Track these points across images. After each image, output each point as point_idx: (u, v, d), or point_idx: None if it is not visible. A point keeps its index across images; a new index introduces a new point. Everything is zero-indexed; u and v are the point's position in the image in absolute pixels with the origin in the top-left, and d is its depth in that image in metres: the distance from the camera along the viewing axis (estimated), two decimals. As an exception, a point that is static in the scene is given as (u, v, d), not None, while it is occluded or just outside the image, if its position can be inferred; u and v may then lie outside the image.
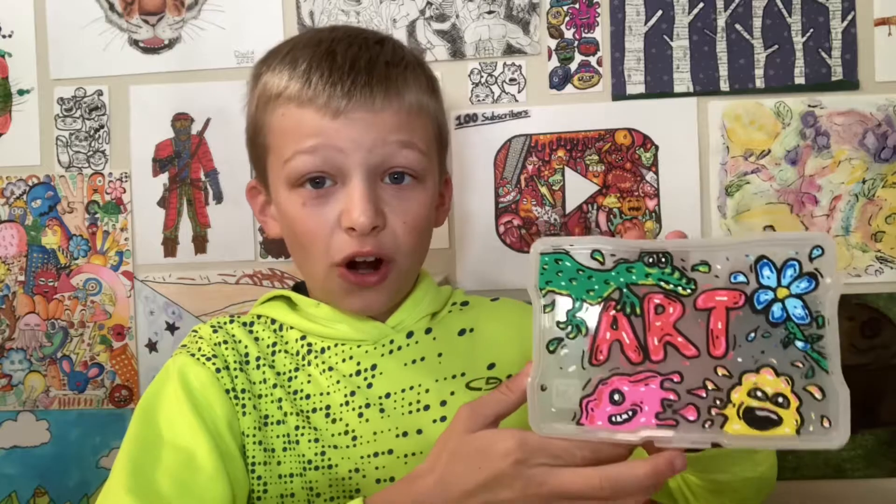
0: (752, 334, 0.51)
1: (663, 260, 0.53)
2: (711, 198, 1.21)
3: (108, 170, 1.29)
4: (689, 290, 0.53)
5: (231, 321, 0.80)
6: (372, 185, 0.71)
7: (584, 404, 0.52)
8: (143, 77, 1.28)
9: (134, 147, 1.28)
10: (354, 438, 0.74)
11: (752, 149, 1.21)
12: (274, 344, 0.78)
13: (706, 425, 0.49)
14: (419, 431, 0.75)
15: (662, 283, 0.53)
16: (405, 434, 0.74)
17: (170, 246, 1.28)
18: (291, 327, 0.79)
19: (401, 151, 0.73)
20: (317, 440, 0.73)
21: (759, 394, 0.50)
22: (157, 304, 1.28)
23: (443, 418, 0.75)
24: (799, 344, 0.51)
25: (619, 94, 1.22)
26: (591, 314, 0.53)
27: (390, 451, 0.73)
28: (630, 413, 0.50)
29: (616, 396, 0.51)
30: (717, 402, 0.50)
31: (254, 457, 0.72)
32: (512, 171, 1.24)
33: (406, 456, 0.73)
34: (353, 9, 1.25)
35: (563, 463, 0.51)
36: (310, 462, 0.72)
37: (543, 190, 1.23)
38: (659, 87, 1.22)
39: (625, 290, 0.53)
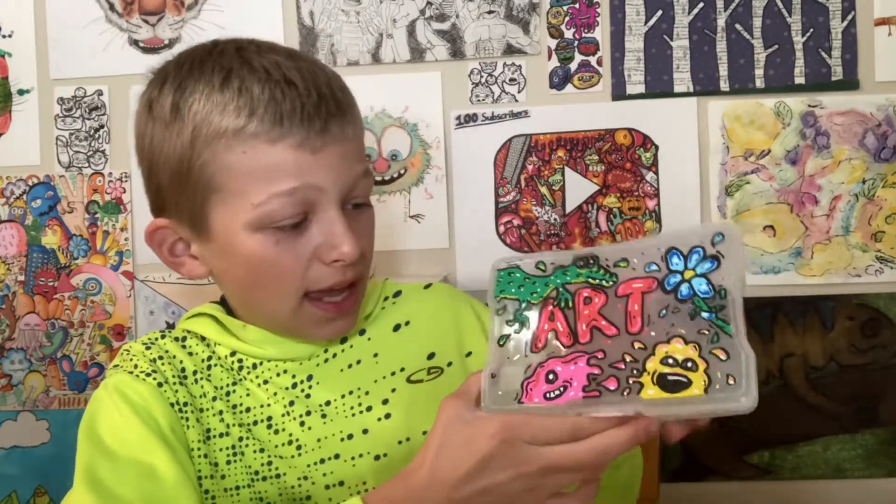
0: (664, 311, 0.58)
1: (591, 261, 0.62)
2: (711, 198, 1.22)
3: (108, 170, 1.29)
4: (611, 283, 0.61)
5: (162, 336, 0.77)
6: (344, 216, 0.70)
7: (524, 385, 0.58)
8: (143, 77, 1.27)
9: (134, 147, 1.28)
10: (299, 448, 0.72)
11: (752, 149, 1.21)
12: (209, 358, 0.75)
13: (625, 393, 0.55)
14: (365, 431, 0.74)
15: (590, 280, 0.62)
16: (350, 437, 0.73)
17: (170, 246, 1.28)
18: (219, 344, 0.76)
19: (363, 181, 0.72)
20: (262, 450, 0.72)
21: (670, 361, 0.55)
22: (157, 304, 1.28)
23: (387, 416, 0.74)
24: (704, 315, 0.57)
25: (619, 94, 1.22)
26: (533, 312, 0.62)
27: (337, 456, 0.72)
28: (561, 389, 0.57)
29: (550, 376, 0.58)
30: (634, 371, 0.56)
31: (199, 470, 0.70)
32: (512, 171, 1.24)
33: (353, 458, 0.72)
34: (353, 9, 1.25)
35: (545, 439, 0.54)
36: (257, 473, 0.71)
37: (543, 190, 1.23)
38: (659, 87, 1.22)
39: (560, 288, 0.62)
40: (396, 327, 0.81)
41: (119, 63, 1.28)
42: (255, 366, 0.75)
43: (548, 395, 0.57)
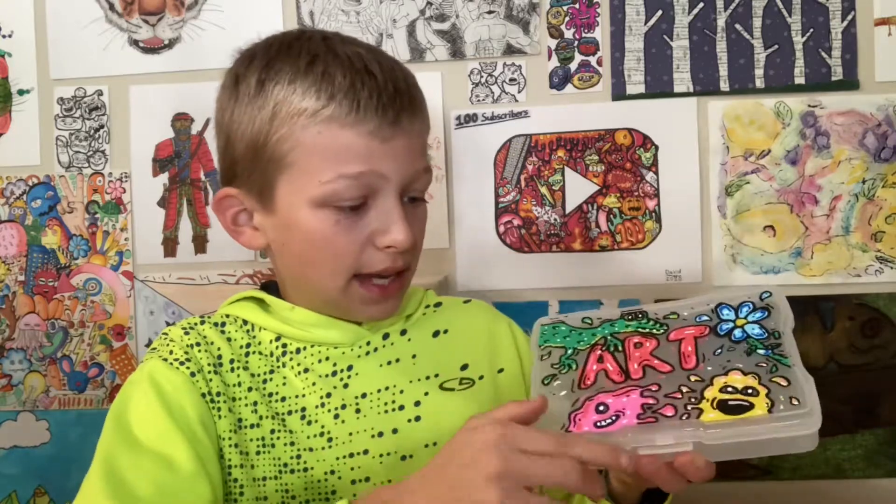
0: (719, 350, 0.58)
1: (640, 315, 0.63)
2: (711, 198, 1.22)
3: (108, 170, 1.29)
4: (662, 330, 0.61)
5: (202, 322, 0.79)
6: (403, 206, 0.74)
7: (571, 416, 0.57)
8: (143, 77, 1.28)
9: (134, 147, 1.29)
10: (330, 440, 0.74)
11: (752, 149, 1.21)
12: (248, 345, 0.77)
13: (683, 418, 0.53)
14: (395, 431, 0.75)
15: (640, 330, 0.62)
16: (381, 434, 0.75)
17: (170, 246, 1.28)
18: (263, 328, 0.78)
19: (423, 177, 0.76)
20: (293, 443, 0.73)
21: (729, 389, 0.54)
22: (157, 304, 1.28)
23: (417, 418, 0.76)
24: (761, 351, 0.57)
25: (619, 94, 1.22)
26: (580, 356, 0.62)
27: (366, 452, 0.74)
28: (613, 418, 0.55)
29: (601, 407, 0.56)
30: (692, 399, 0.54)
31: (230, 460, 0.72)
32: (512, 171, 1.24)
33: (381, 456, 0.74)
34: (354, 9, 1.25)
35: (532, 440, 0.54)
36: (286, 465, 0.73)
37: (543, 190, 1.23)
38: (659, 87, 1.22)
39: (609, 336, 0.62)
40: (436, 333, 0.83)
41: (119, 63, 1.28)
42: (298, 350, 0.77)
43: (598, 423, 0.55)
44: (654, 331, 0.61)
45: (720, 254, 1.21)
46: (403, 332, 0.81)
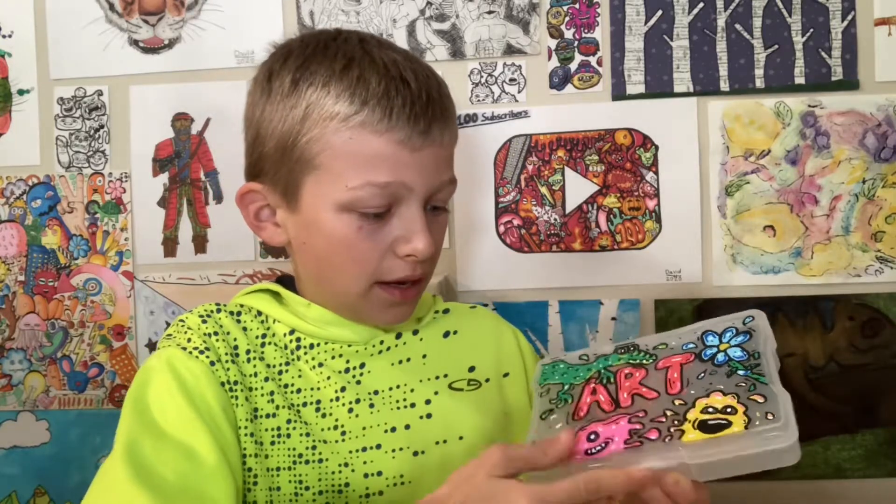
0: (702, 374, 0.60)
1: (632, 348, 0.67)
2: (711, 198, 1.21)
3: (108, 170, 1.29)
4: (650, 361, 0.64)
5: (218, 310, 0.79)
6: (425, 215, 0.74)
7: None
8: (143, 77, 1.28)
9: (134, 147, 1.29)
10: (344, 433, 0.74)
11: (752, 149, 1.21)
12: (263, 336, 0.78)
13: (666, 440, 0.56)
14: (407, 427, 0.76)
15: (631, 361, 0.65)
16: (393, 430, 0.76)
17: (170, 246, 1.28)
18: (278, 321, 0.79)
19: (447, 188, 0.77)
20: (308, 434, 0.74)
21: (710, 409, 0.56)
22: (157, 304, 1.28)
23: (428, 415, 0.77)
24: (741, 372, 0.59)
25: (619, 94, 1.22)
26: (576, 390, 0.65)
27: (378, 446, 0.75)
28: (602, 445, 0.57)
29: (592, 436, 0.58)
30: (675, 422, 0.57)
31: (245, 449, 0.72)
32: (512, 171, 1.24)
33: (394, 451, 0.75)
34: (353, 9, 1.25)
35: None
36: (300, 456, 0.73)
37: (543, 190, 1.23)
38: (659, 87, 1.22)
39: (602, 370, 0.65)
40: (446, 334, 0.85)
41: (119, 63, 1.28)
42: (312, 346, 0.78)
43: (589, 451, 0.58)
44: (644, 361, 0.64)
45: (720, 254, 1.21)
46: (415, 332, 0.83)
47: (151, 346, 1.28)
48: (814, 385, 1.22)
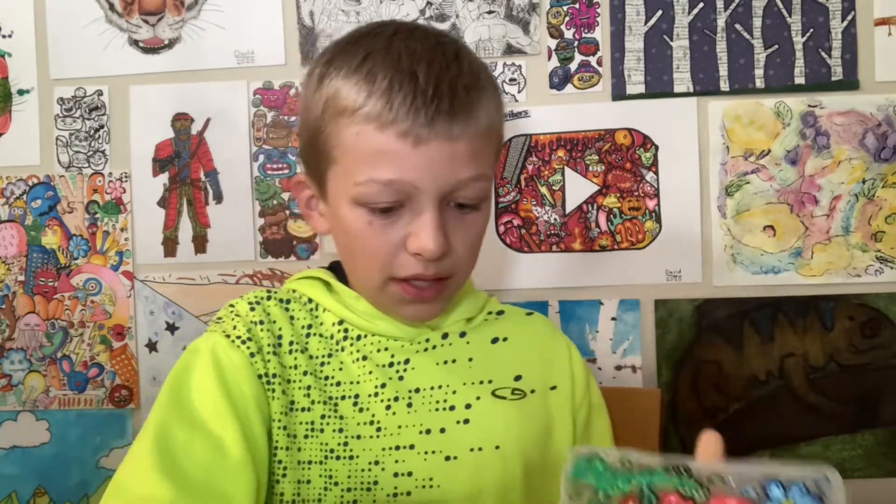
0: None
1: (684, 471, 0.61)
2: (711, 198, 1.21)
3: (108, 170, 1.29)
4: (703, 496, 0.59)
5: (269, 297, 0.79)
6: (441, 213, 0.72)
7: None
8: (143, 77, 1.28)
9: (134, 147, 1.29)
10: (379, 430, 0.74)
11: (752, 149, 1.21)
12: (309, 326, 0.78)
13: None
14: (442, 430, 0.75)
15: (680, 489, 0.60)
16: (428, 431, 0.75)
17: (170, 246, 1.28)
18: (328, 310, 0.79)
19: (471, 185, 0.73)
20: (341, 430, 0.74)
21: None
22: (157, 304, 1.28)
23: (466, 420, 0.76)
24: None
25: (619, 94, 1.22)
26: (613, 501, 0.61)
27: (412, 447, 0.74)
28: None
29: None
30: None
31: (277, 441, 0.73)
32: (512, 171, 1.24)
33: (426, 453, 0.74)
34: (353, 9, 1.25)
35: None
36: (332, 451, 0.73)
37: (543, 190, 1.23)
38: (659, 87, 1.22)
39: (645, 488, 0.60)
40: (494, 340, 0.84)
41: (119, 63, 1.28)
42: (359, 337, 0.78)
43: None
44: (695, 493, 0.60)
45: (720, 254, 1.21)
46: (463, 335, 0.82)
47: (151, 346, 1.28)
48: (814, 385, 1.22)
